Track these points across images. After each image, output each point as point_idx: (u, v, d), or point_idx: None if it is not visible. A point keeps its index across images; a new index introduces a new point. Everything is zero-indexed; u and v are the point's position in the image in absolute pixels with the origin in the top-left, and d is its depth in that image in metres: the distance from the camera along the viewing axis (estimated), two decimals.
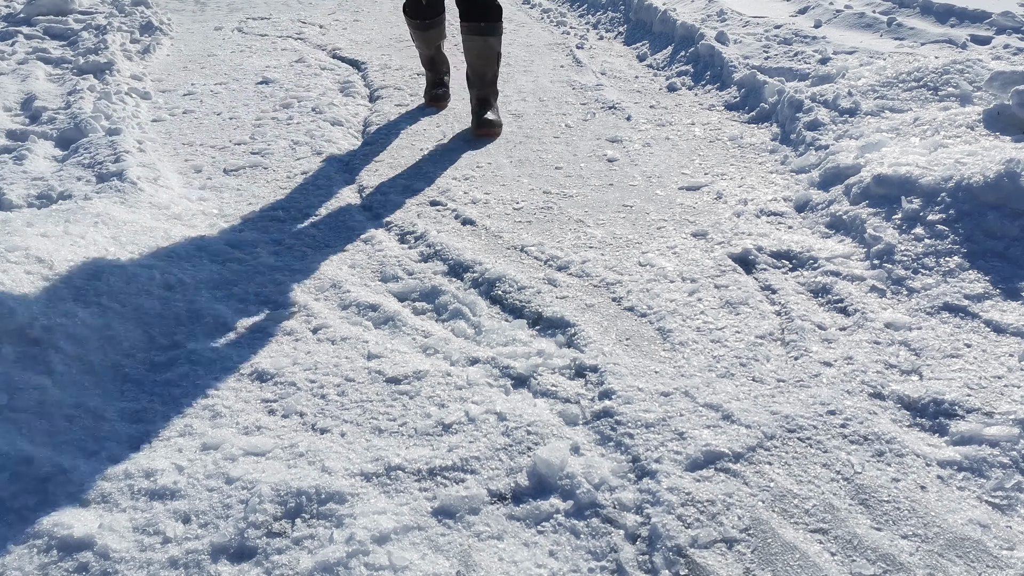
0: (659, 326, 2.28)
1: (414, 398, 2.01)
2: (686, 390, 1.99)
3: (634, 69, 4.99)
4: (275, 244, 2.86)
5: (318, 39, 5.76)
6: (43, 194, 3.09)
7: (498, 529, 1.62)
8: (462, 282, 2.58)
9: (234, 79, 4.79)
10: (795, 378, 2.03)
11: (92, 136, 3.64)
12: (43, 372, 2.08)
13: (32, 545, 1.57)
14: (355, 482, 1.72)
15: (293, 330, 2.32)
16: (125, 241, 2.73)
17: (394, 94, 4.56)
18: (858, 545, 1.55)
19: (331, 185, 3.36)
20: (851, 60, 4.17)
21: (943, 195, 2.57)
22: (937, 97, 3.47)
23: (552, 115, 4.19)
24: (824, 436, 1.82)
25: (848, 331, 2.21)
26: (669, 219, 2.96)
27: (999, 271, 2.34)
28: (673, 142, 3.75)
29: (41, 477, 1.73)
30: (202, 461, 1.78)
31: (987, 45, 4.25)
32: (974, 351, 2.08)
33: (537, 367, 2.11)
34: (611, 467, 1.76)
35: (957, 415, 1.86)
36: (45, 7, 5.72)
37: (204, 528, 1.61)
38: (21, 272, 2.39)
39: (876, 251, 2.51)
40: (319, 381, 2.09)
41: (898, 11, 4.97)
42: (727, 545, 1.56)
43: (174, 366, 2.15)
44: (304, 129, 3.98)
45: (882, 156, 2.94)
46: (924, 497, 1.65)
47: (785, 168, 3.32)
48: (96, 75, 4.55)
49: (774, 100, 3.89)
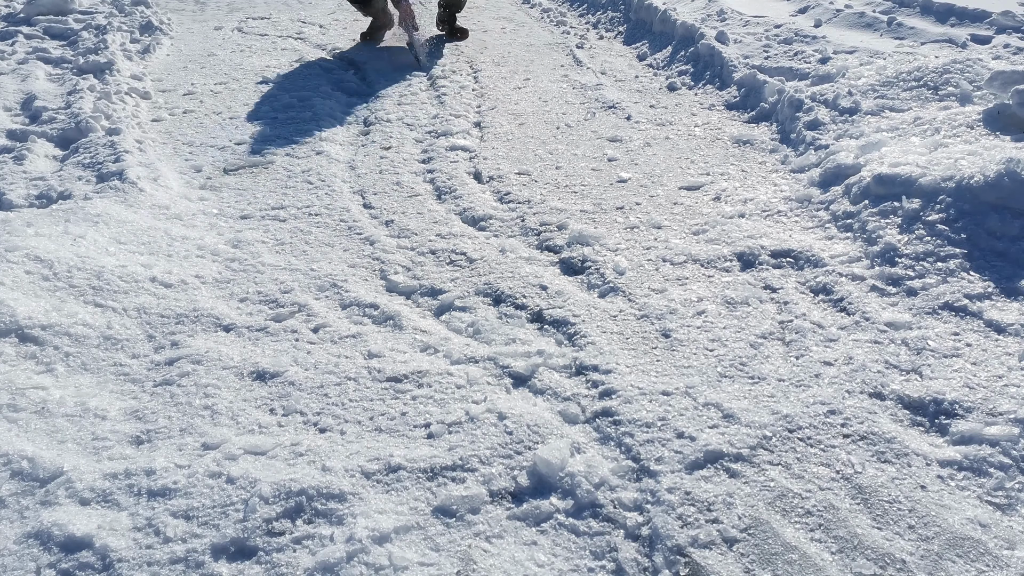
0: (659, 326, 2.28)
1: (415, 397, 2.01)
2: (686, 389, 1.99)
3: (634, 69, 4.99)
4: (275, 243, 2.86)
5: (318, 39, 5.76)
6: (43, 194, 3.09)
7: (498, 528, 1.62)
8: (462, 284, 2.58)
9: (234, 79, 4.79)
10: (796, 378, 2.03)
11: (92, 136, 3.64)
12: (43, 372, 2.08)
13: (32, 544, 1.57)
14: (355, 481, 1.72)
15: (293, 330, 2.32)
16: (125, 241, 2.73)
17: (394, 94, 4.56)
18: (858, 545, 1.55)
19: (331, 184, 3.36)
20: (851, 60, 4.17)
21: (943, 195, 2.57)
22: (937, 97, 3.47)
23: (552, 115, 4.19)
24: (825, 436, 1.82)
25: (848, 331, 2.21)
26: (669, 218, 2.96)
27: (999, 270, 2.34)
28: (673, 141, 3.75)
29: (41, 477, 1.73)
30: (202, 460, 1.78)
31: (987, 44, 4.25)
32: (974, 351, 2.08)
33: (537, 367, 2.11)
34: (611, 467, 1.76)
35: (957, 414, 1.86)
36: (45, 7, 5.72)
37: (204, 527, 1.61)
38: (21, 272, 2.39)
39: (876, 251, 2.51)
40: (319, 380, 2.09)
41: (898, 11, 4.97)
42: (727, 545, 1.56)
43: (174, 366, 2.15)
44: (304, 128, 3.98)
45: (882, 156, 2.94)
46: (924, 496, 1.65)
47: (785, 168, 3.32)
48: (96, 75, 4.55)
49: (774, 100, 3.89)
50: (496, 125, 4.05)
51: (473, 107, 4.36)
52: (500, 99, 4.45)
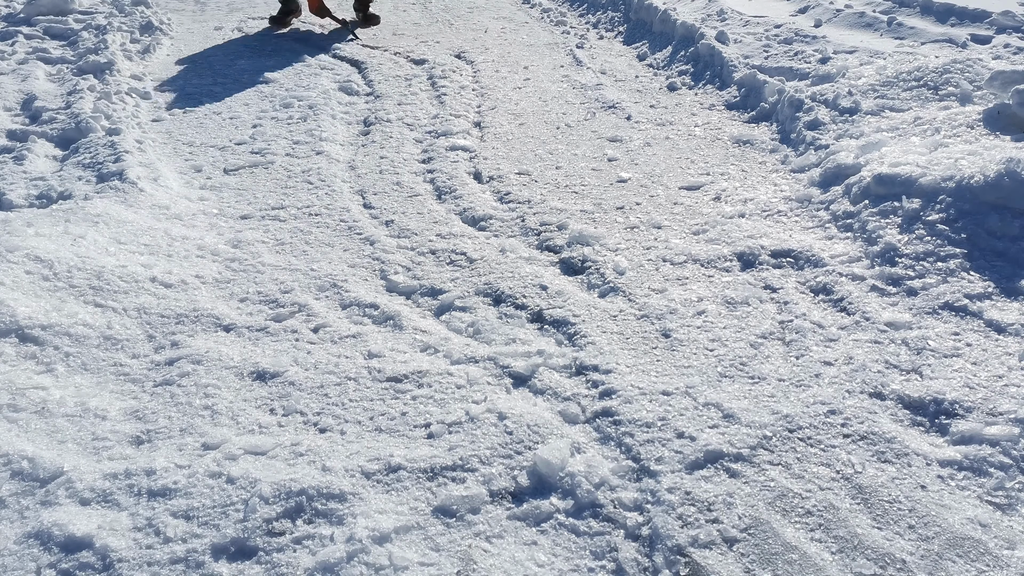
0: (660, 325, 2.28)
1: (415, 397, 2.01)
2: (687, 389, 1.99)
3: (634, 68, 4.99)
4: (275, 243, 2.86)
5: (318, 39, 5.76)
6: (43, 194, 3.09)
7: (498, 528, 1.62)
8: (462, 284, 2.58)
9: (234, 79, 4.79)
10: (796, 377, 2.03)
11: (92, 136, 3.64)
12: (43, 372, 2.09)
13: (32, 545, 1.57)
14: (355, 481, 1.72)
15: (293, 330, 2.32)
16: (125, 241, 2.73)
17: (394, 94, 4.56)
18: (858, 545, 1.55)
19: (331, 184, 3.36)
20: (851, 59, 4.16)
21: (943, 195, 2.57)
22: (937, 96, 3.47)
23: (552, 115, 4.19)
24: (825, 436, 1.82)
25: (848, 330, 2.21)
26: (669, 218, 2.96)
27: (999, 270, 2.34)
28: (673, 141, 3.75)
29: (41, 477, 1.73)
30: (202, 460, 1.78)
31: (987, 44, 4.25)
32: (974, 351, 2.08)
33: (537, 367, 2.11)
34: (611, 467, 1.76)
35: (957, 414, 1.86)
36: (45, 7, 5.72)
37: (204, 527, 1.61)
38: (21, 272, 2.39)
39: (876, 251, 2.51)
40: (319, 380, 2.09)
41: (898, 10, 4.97)
42: (727, 545, 1.56)
43: (174, 366, 2.15)
44: (304, 128, 3.98)
45: (882, 156, 2.94)
46: (924, 496, 1.65)
47: (785, 167, 3.32)
48: (96, 75, 4.55)
49: (774, 99, 3.89)
50: (496, 125, 4.05)
51: (473, 107, 4.35)
52: (500, 99, 4.45)
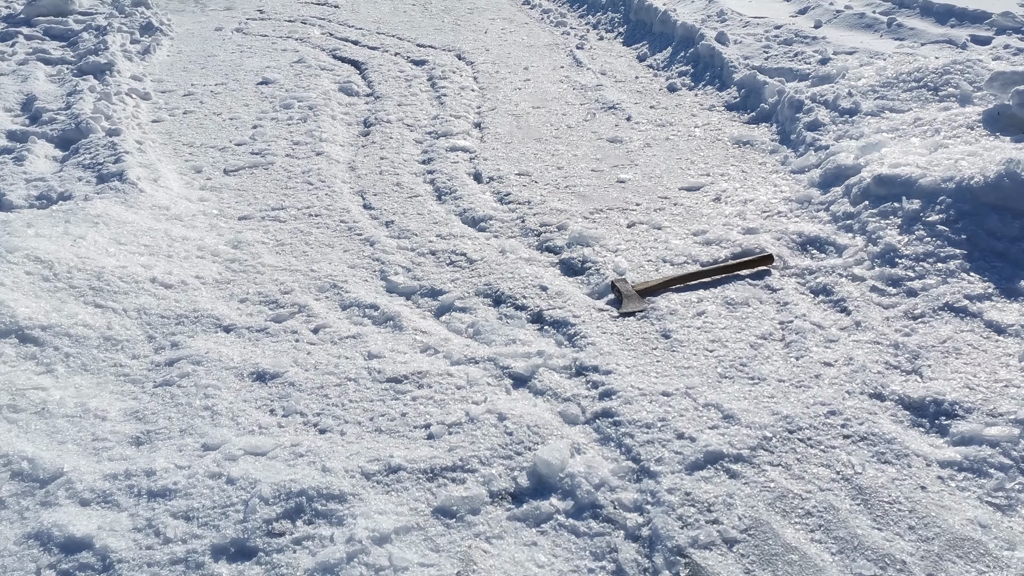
0: (659, 326, 2.28)
1: (415, 398, 2.01)
2: (686, 390, 1.99)
3: (634, 69, 4.99)
4: (275, 244, 2.86)
5: (318, 40, 5.76)
6: (43, 195, 3.09)
7: (498, 529, 1.62)
8: (462, 285, 2.58)
9: (234, 79, 4.80)
10: (796, 378, 2.03)
11: (92, 137, 3.64)
12: (43, 372, 2.09)
13: (32, 545, 1.57)
14: (355, 482, 1.72)
15: (293, 330, 2.32)
16: (125, 241, 2.73)
17: (394, 94, 4.56)
18: (858, 545, 1.55)
19: (331, 185, 3.36)
20: (851, 60, 4.17)
21: (943, 195, 2.57)
22: (937, 97, 3.47)
23: (552, 115, 4.19)
24: (825, 436, 1.82)
25: (848, 331, 2.21)
26: (669, 219, 2.96)
27: (999, 271, 2.34)
28: (673, 142, 3.75)
29: (41, 477, 1.73)
30: (202, 461, 1.78)
31: (987, 45, 4.26)
32: (974, 351, 2.08)
33: (537, 367, 2.11)
34: (611, 467, 1.76)
35: (957, 415, 1.86)
36: (45, 8, 5.73)
37: (204, 528, 1.61)
38: (21, 273, 2.39)
39: (876, 251, 2.51)
40: (319, 381, 2.09)
41: (898, 11, 4.97)
42: (727, 545, 1.56)
43: (174, 367, 2.15)
44: (304, 129, 3.98)
45: (882, 156, 2.94)
46: (924, 497, 1.65)
47: (785, 168, 3.32)
48: (96, 75, 4.55)
49: (774, 100, 3.89)
50: (496, 126, 4.05)
51: (473, 108, 4.36)
52: (500, 100, 4.45)
